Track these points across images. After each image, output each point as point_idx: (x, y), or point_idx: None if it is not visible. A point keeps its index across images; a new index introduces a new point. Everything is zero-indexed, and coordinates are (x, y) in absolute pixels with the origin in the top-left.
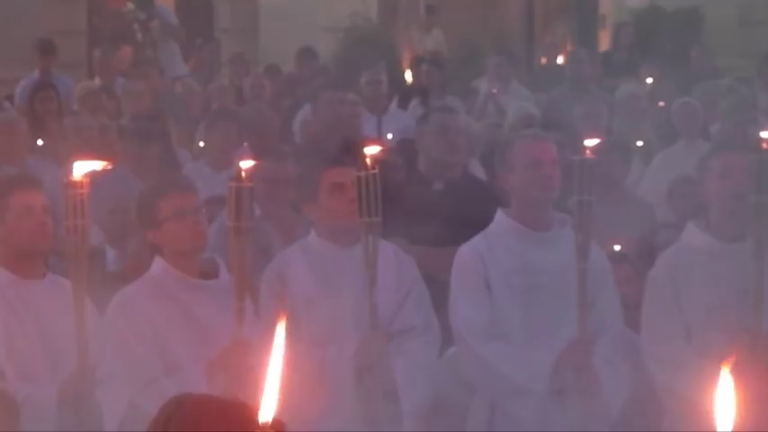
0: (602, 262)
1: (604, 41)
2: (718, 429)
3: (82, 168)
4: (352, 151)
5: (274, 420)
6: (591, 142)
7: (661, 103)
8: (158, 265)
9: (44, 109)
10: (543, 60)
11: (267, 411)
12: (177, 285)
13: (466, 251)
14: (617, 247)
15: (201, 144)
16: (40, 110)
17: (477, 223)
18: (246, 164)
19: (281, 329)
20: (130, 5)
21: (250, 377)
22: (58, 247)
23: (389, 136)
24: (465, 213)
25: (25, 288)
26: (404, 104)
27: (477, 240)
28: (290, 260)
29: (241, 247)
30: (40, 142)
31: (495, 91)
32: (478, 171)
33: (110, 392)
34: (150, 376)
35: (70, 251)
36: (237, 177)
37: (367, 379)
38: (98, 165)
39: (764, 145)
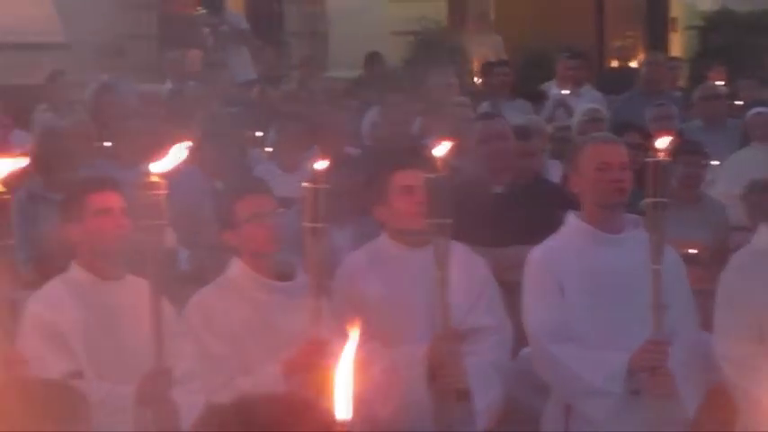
0: (676, 263)
1: (675, 44)
2: None
3: (158, 169)
4: (421, 153)
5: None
6: (663, 143)
7: (739, 102)
8: (235, 266)
9: (112, 112)
10: (614, 63)
11: (344, 410)
12: (254, 286)
13: (538, 253)
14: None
15: (269, 149)
16: (108, 113)
17: (549, 226)
18: (321, 165)
19: (353, 331)
20: (201, 10)
21: (326, 377)
22: (133, 247)
23: None
24: (533, 216)
25: (103, 288)
26: (474, 107)
27: (550, 243)
28: (361, 260)
29: (316, 247)
30: (106, 144)
31: (565, 93)
32: (558, 173)
33: (187, 392)
34: (227, 376)
35: (146, 251)
36: (313, 178)
37: (439, 379)
38: (180, 153)
39: None
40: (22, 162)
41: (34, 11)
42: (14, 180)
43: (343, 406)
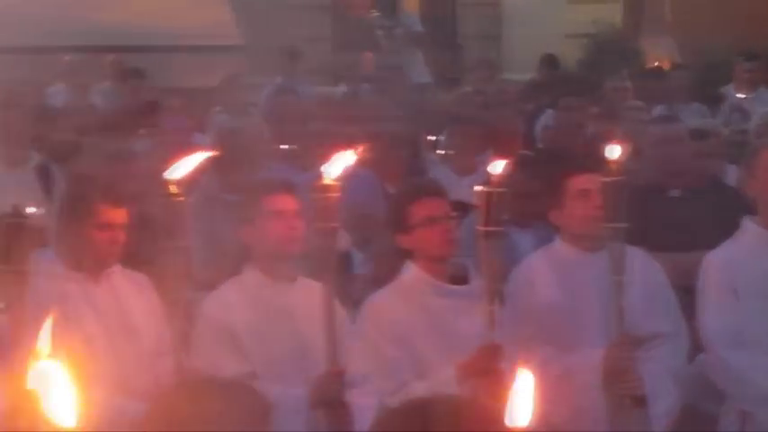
0: None
1: None
2: None
3: (332, 171)
4: (596, 157)
5: None
6: None
7: None
8: (409, 269)
9: (286, 114)
10: None
11: (521, 417)
12: (427, 290)
13: (713, 259)
14: None
15: (441, 152)
16: (282, 115)
17: (726, 230)
18: (496, 168)
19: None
20: (375, 12)
21: (500, 381)
22: (306, 250)
23: None
24: (710, 220)
25: (277, 290)
26: (649, 111)
27: (725, 248)
28: (535, 265)
29: (491, 251)
30: (283, 147)
31: (741, 97)
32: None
33: (360, 395)
34: (401, 380)
35: (319, 254)
36: (488, 182)
37: (615, 385)
38: (348, 159)
39: None
40: (201, 156)
41: (212, 14)
42: (190, 181)
43: (521, 413)
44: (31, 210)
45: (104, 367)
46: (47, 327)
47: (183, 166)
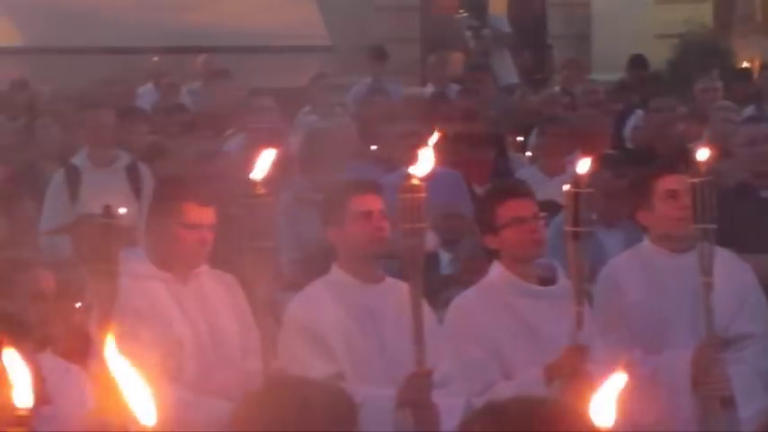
0: None
1: None
2: None
3: (419, 172)
4: (685, 157)
5: None
6: None
7: None
8: (496, 270)
9: (375, 114)
10: None
11: (606, 417)
12: (514, 291)
13: None
14: None
15: (528, 154)
16: (370, 115)
17: None
18: (583, 169)
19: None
20: (463, 13)
21: (587, 382)
22: (393, 250)
23: None
24: None
25: (364, 291)
26: (739, 111)
27: None
28: (623, 265)
29: (579, 251)
30: (373, 147)
31: None
32: None
33: (447, 395)
34: (488, 380)
35: (407, 255)
36: (575, 183)
37: (703, 386)
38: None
39: None
40: (273, 154)
41: (300, 14)
42: (279, 182)
43: (605, 414)
44: (122, 210)
45: (191, 367)
46: (129, 325)
47: (263, 165)
